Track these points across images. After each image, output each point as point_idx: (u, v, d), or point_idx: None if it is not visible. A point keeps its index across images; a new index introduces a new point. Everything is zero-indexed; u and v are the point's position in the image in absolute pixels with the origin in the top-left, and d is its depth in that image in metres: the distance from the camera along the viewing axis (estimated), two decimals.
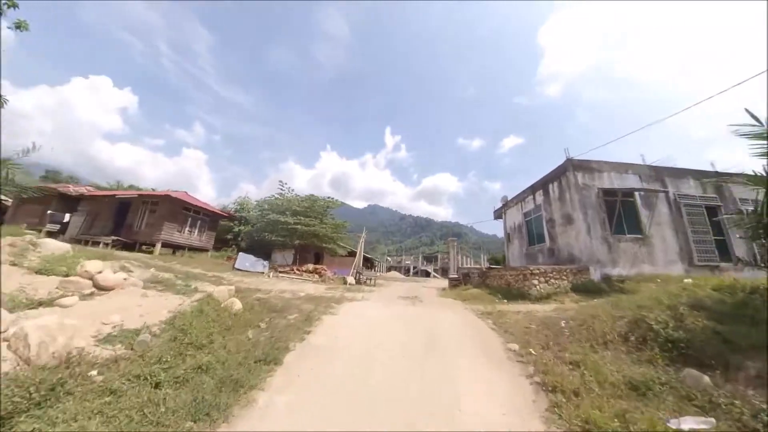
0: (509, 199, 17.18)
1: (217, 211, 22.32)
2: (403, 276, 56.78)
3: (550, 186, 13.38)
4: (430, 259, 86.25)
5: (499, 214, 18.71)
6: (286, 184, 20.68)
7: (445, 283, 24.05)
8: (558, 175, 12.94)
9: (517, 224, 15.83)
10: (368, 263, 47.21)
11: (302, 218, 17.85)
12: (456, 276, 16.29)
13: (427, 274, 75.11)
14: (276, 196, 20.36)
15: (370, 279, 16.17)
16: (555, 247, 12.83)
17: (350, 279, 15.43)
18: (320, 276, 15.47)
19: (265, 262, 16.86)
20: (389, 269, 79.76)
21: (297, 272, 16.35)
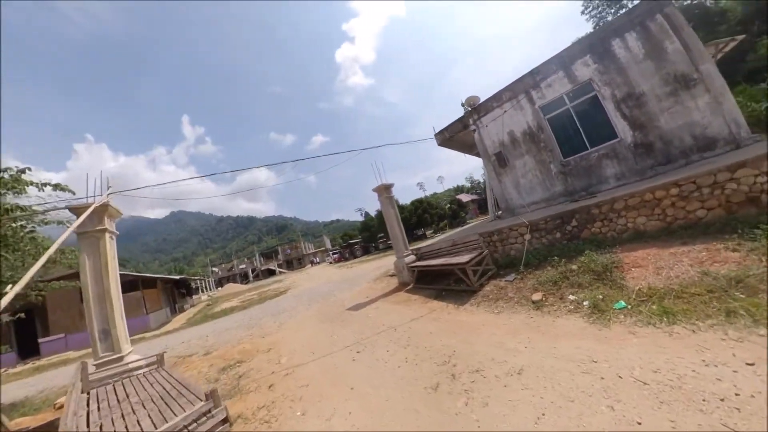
0: (484, 100, 9.55)
1: None
2: (244, 286, 38.80)
3: (616, 42, 6.85)
4: (269, 255, 68.09)
5: (447, 138, 10.72)
6: None
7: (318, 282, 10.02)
8: (637, 19, 6.54)
9: (522, 132, 8.62)
10: (183, 289, 26.71)
11: None
12: (450, 259, 6.97)
13: (271, 273, 58.50)
14: None
15: None
16: (651, 138, 6.68)
17: None
18: None
19: None
20: (221, 283, 55.34)
21: None
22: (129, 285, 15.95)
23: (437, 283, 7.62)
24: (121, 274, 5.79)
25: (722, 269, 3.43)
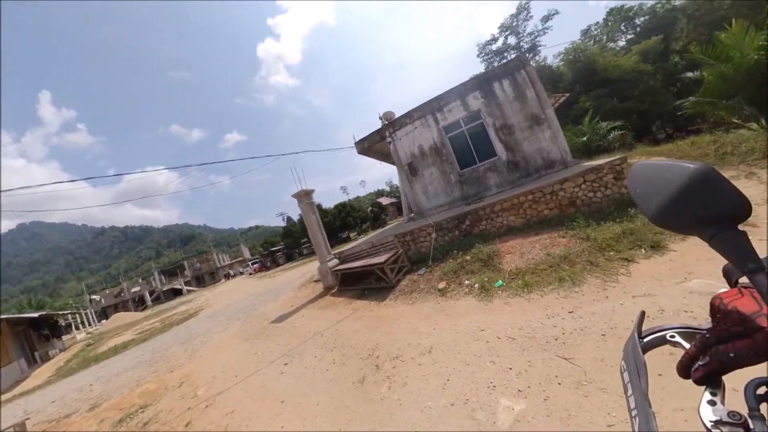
0: (399, 116, 10.38)
1: None
2: (140, 314, 30.27)
3: (497, 84, 8.56)
4: (172, 272, 55.18)
5: (366, 147, 11.27)
6: None
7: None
8: (510, 70, 8.39)
9: (429, 147, 9.73)
10: (45, 330, 18.79)
11: None
12: None
13: (177, 293, 47.42)
14: None
15: None
16: (518, 158, 8.54)
17: None
18: None
19: None
20: (105, 314, 41.03)
21: None
22: None
23: (360, 283, 7.80)
24: None
25: (557, 250, 4.72)
